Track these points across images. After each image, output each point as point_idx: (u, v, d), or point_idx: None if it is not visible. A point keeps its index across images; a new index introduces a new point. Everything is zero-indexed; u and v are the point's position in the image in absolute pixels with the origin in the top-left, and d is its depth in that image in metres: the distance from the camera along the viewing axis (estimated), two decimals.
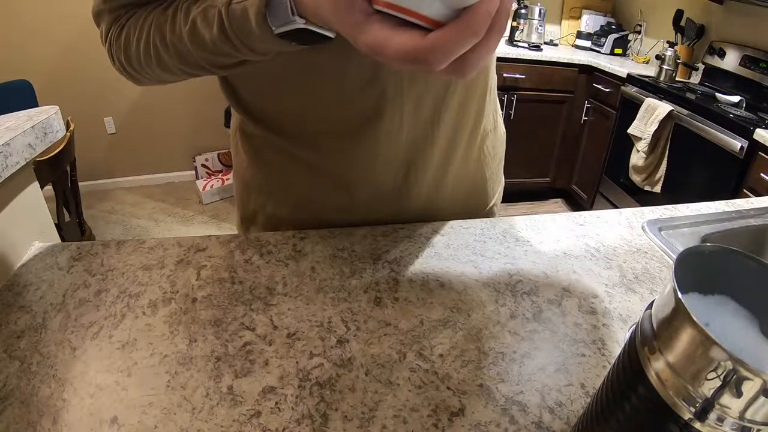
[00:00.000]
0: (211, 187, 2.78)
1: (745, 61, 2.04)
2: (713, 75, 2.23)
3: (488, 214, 0.71)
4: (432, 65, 0.27)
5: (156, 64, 0.45)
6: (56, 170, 1.36)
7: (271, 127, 0.57)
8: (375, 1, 0.28)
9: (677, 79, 2.30)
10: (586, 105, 2.54)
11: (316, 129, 0.55)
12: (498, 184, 0.73)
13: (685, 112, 1.90)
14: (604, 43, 2.73)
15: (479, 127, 0.62)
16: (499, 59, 2.33)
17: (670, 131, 1.96)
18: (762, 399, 0.20)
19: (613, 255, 0.59)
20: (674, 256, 0.41)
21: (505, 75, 2.41)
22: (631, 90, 2.19)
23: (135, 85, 0.51)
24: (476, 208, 0.69)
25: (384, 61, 0.29)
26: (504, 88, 2.44)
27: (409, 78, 0.50)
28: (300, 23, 0.34)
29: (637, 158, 2.12)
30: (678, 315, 0.22)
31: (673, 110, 1.93)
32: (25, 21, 2.38)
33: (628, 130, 2.12)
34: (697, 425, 0.23)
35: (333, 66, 0.48)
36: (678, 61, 2.26)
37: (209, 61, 0.42)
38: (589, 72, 2.49)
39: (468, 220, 0.64)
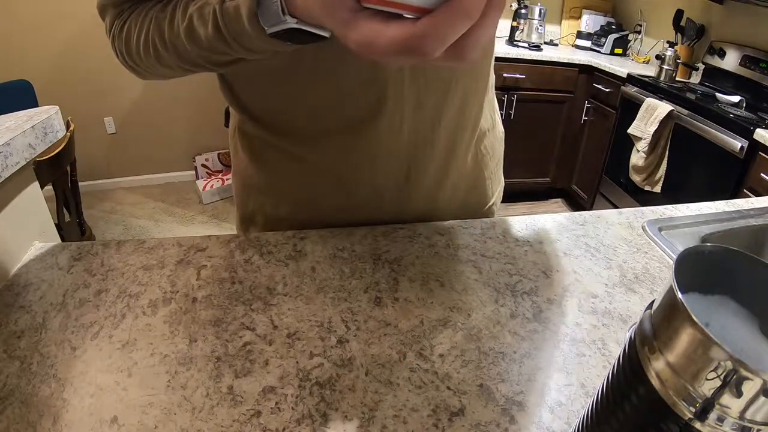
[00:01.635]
0: (211, 187, 2.78)
1: (745, 61, 2.04)
2: (713, 75, 2.23)
3: (488, 213, 0.71)
4: (427, 52, 0.26)
5: (155, 60, 0.45)
6: (56, 170, 1.36)
7: (270, 127, 0.56)
8: None
9: (677, 79, 2.30)
10: (586, 105, 2.54)
11: (315, 128, 0.54)
12: (497, 184, 0.73)
13: (685, 112, 1.90)
14: (604, 43, 2.73)
15: (478, 126, 0.62)
16: (499, 59, 2.33)
17: (670, 131, 1.96)
18: (762, 399, 0.20)
19: (613, 255, 0.59)
20: (674, 256, 0.41)
21: (505, 75, 2.41)
22: (631, 90, 2.19)
23: (135, 84, 0.51)
24: (476, 208, 0.69)
25: (376, 57, 0.28)
26: (504, 88, 2.44)
27: (410, 78, 0.50)
28: (291, 23, 0.33)
29: (637, 158, 2.12)
30: (678, 315, 0.22)
31: (673, 110, 1.93)
32: (25, 21, 2.38)
33: (628, 130, 2.12)
34: (697, 425, 0.23)
35: (332, 65, 0.48)
36: (678, 61, 2.26)
37: (206, 58, 0.42)
38: (589, 72, 2.49)
39: (468, 220, 0.64)
